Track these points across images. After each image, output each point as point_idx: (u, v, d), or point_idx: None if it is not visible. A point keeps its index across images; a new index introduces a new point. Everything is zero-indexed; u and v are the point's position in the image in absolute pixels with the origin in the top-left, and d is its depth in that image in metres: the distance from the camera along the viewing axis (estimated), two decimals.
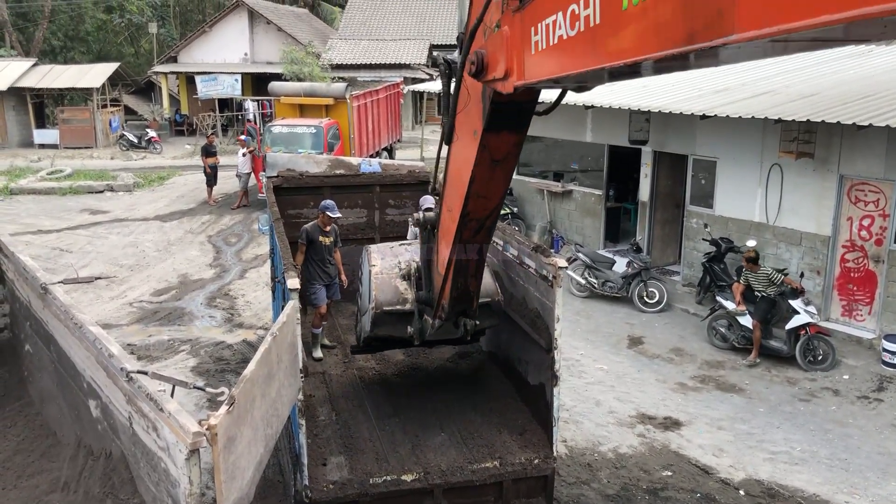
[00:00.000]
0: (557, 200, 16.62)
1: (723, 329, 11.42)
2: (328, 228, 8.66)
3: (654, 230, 14.74)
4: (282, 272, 6.80)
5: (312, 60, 31.78)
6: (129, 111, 38.42)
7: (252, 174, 20.69)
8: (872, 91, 11.18)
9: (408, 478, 6.05)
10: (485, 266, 5.74)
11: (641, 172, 14.61)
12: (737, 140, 12.59)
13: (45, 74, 32.77)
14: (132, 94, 40.19)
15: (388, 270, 6.73)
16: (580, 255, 13.70)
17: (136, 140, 31.57)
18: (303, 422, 5.87)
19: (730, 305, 11.20)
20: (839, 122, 9.94)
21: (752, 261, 10.96)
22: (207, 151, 21.53)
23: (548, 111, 4.23)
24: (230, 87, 32.82)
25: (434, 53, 36.24)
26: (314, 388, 7.45)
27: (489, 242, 5.43)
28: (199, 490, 4.05)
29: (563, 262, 6.27)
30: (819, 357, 10.64)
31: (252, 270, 15.26)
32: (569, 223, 16.45)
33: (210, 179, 21.48)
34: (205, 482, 4.21)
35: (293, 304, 5.65)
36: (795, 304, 10.68)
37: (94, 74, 32.81)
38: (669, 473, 8.10)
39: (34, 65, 33.51)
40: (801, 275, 11.53)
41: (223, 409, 4.09)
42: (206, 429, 3.94)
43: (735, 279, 11.67)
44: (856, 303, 11.45)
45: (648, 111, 12.74)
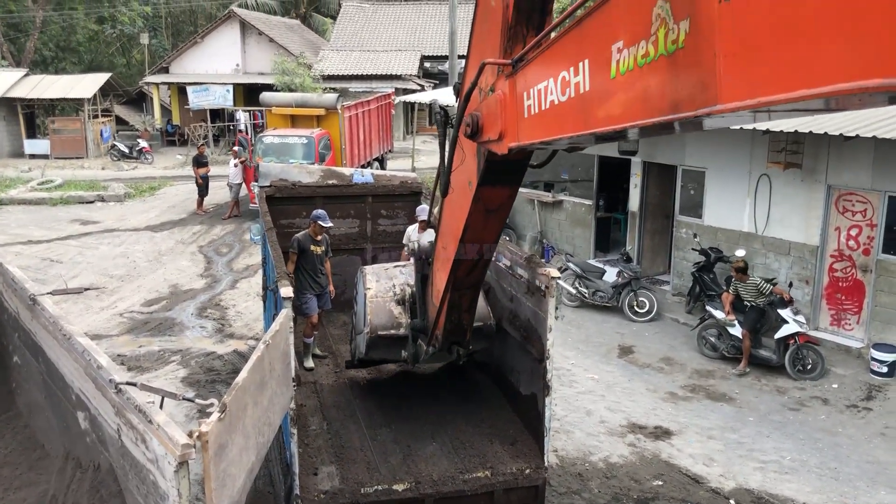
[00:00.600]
0: (548, 210, 16.68)
1: (712, 338, 11.47)
2: (319, 238, 8.67)
3: (644, 240, 14.80)
4: (274, 281, 6.81)
5: (304, 71, 31.84)
6: (121, 121, 38.34)
7: (243, 184, 20.68)
8: None
9: (399, 487, 6.04)
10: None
11: (631, 183, 14.69)
12: (725, 151, 12.68)
13: (37, 85, 32.68)
14: (123, 105, 40.10)
15: (384, 294, 6.86)
16: (571, 265, 13.74)
17: (128, 150, 31.50)
18: (294, 431, 5.86)
19: (719, 315, 11.25)
20: (826, 133, 10.04)
21: (742, 271, 11.02)
22: (198, 162, 21.51)
23: (542, 164, 4.41)
24: (222, 98, 32.80)
25: (426, 65, 36.42)
26: (306, 398, 7.44)
27: (482, 280, 5.56)
28: (189, 503, 4.03)
29: (556, 273, 6.31)
30: (808, 366, 10.69)
31: (243, 280, 15.23)
32: (559, 233, 16.50)
33: (201, 190, 21.46)
34: (195, 494, 4.20)
35: (286, 313, 5.65)
36: (784, 314, 10.74)
37: (86, 85, 32.74)
38: (660, 483, 8.11)
39: (25, 75, 33.41)
40: (790, 284, 11.60)
41: (215, 417, 4.09)
42: (198, 436, 3.94)
43: (724, 289, 11.73)
44: (844, 312, 11.52)
45: None
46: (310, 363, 8.43)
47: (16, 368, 8.20)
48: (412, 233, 9.52)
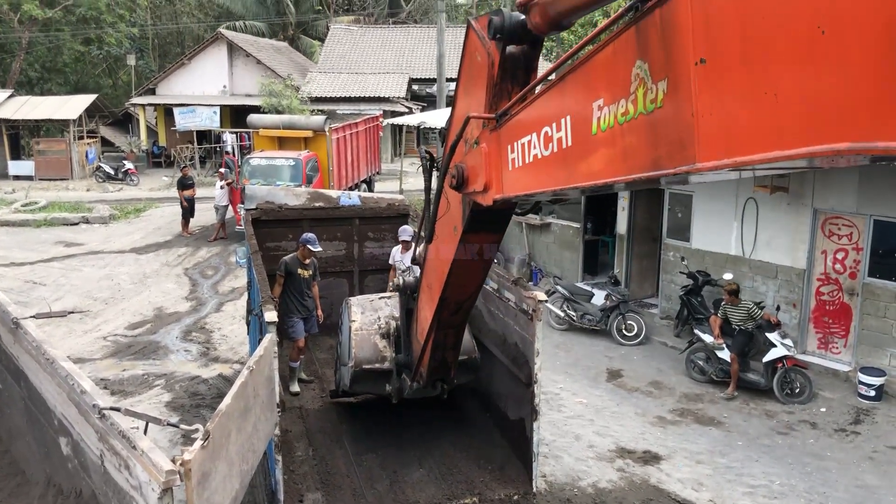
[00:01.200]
0: (536, 233, 16.70)
1: (701, 362, 11.46)
2: (307, 261, 8.63)
3: (632, 263, 14.83)
4: (259, 305, 6.75)
5: (291, 93, 31.89)
6: (106, 143, 38.20)
7: (230, 206, 20.59)
8: None
9: None
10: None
11: (619, 206, 14.74)
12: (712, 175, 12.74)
13: (22, 105, 32.55)
14: (109, 126, 40.00)
15: (368, 326, 6.85)
16: (559, 288, 13.73)
17: (113, 172, 31.34)
18: (279, 457, 5.78)
19: (708, 338, 11.25)
20: None
21: (734, 294, 11.05)
22: (183, 184, 21.41)
23: (527, 212, 4.51)
24: (208, 119, 32.77)
25: (414, 87, 36.59)
26: (291, 423, 7.36)
27: (467, 320, 5.59)
28: None
29: (543, 296, 6.30)
30: (796, 390, 10.69)
31: (229, 303, 15.11)
32: (547, 256, 16.52)
33: (186, 212, 21.33)
34: None
35: (270, 338, 5.59)
36: (772, 337, 10.75)
37: (71, 106, 32.64)
38: None
39: (10, 96, 33.28)
40: (778, 308, 11.64)
41: (197, 444, 4.02)
42: (180, 464, 3.87)
43: (712, 312, 11.74)
44: (831, 335, 11.56)
45: None
46: (295, 388, 8.35)
47: None
48: (395, 253, 9.51)
